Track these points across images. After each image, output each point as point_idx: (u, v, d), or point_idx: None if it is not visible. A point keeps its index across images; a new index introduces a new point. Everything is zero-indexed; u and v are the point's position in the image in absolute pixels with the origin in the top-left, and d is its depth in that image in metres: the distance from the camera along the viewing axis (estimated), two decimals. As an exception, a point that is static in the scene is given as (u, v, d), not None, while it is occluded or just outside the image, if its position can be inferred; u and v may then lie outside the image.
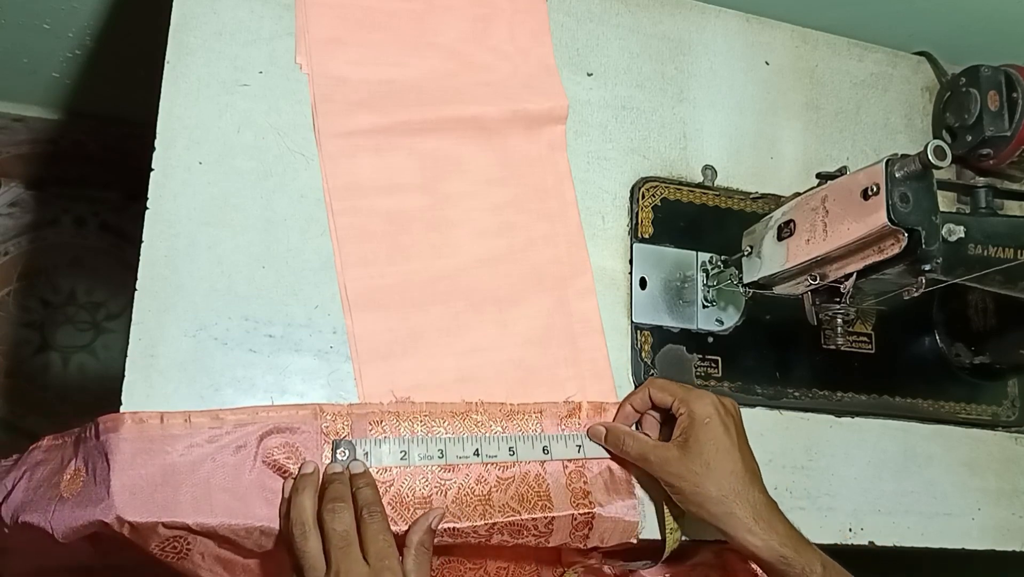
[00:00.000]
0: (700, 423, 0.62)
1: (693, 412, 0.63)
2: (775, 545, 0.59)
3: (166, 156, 0.64)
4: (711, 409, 0.63)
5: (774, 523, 0.60)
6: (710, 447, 0.61)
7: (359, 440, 0.61)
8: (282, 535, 0.57)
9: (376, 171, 0.69)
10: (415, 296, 0.67)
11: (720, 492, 0.60)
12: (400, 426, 0.63)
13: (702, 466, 0.61)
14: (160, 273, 0.62)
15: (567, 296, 0.72)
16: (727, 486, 0.61)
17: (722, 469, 0.61)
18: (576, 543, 0.66)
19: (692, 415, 0.63)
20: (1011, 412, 0.85)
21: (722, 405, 0.64)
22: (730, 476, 0.61)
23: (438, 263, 0.69)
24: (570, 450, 0.67)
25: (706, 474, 0.61)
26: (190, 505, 0.56)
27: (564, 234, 0.74)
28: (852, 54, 0.90)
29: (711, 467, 0.61)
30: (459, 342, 0.68)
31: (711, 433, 0.62)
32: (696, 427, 0.62)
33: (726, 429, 0.63)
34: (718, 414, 0.63)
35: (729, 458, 0.61)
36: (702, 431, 0.62)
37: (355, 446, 0.61)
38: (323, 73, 0.69)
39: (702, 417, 0.63)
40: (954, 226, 0.64)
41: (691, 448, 0.62)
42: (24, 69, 1.07)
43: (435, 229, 0.69)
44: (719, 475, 0.61)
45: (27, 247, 1.39)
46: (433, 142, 0.71)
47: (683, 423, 0.63)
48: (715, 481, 0.61)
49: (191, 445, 0.57)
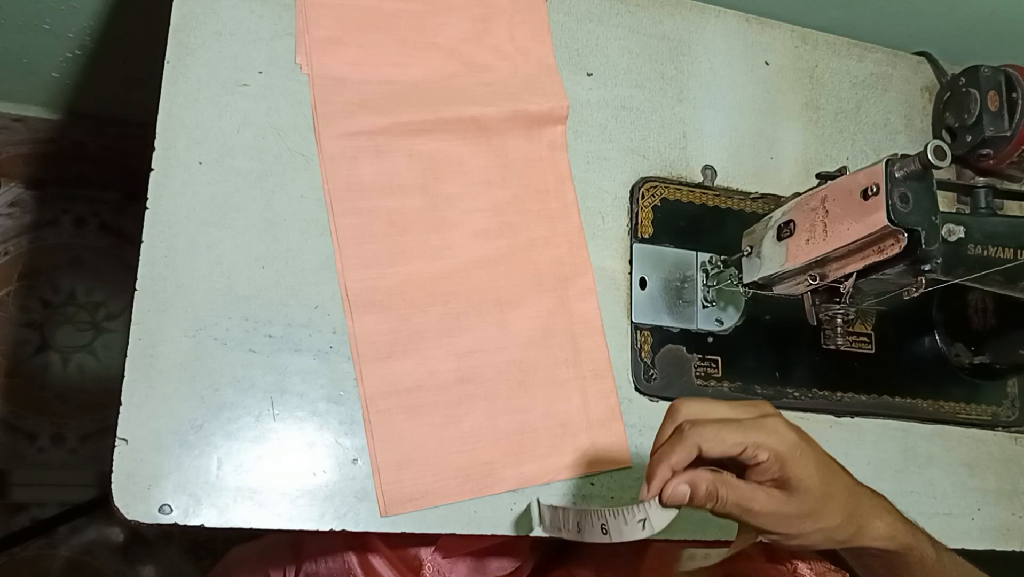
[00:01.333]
0: (792, 458, 0.51)
1: (778, 451, 0.51)
2: (899, 537, 0.55)
3: (166, 156, 0.64)
4: (791, 434, 0.52)
5: (889, 515, 0.56)
6: (816, 477, 0.51)
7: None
8: None
9: (376, 172, 0.69)
10: (416, 297, 0.68)
11: (845, 513, 0.53)
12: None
13: (819, 500, 0.52)
14: (160, 273, 0.62)
15: (568, 297, 0.72)
16: (849, 505, 0.54)
17: (838, 490, 0.53)
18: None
19: (779, 455, 0.51)
20: (1011, 412, 0.85)
21: (792, 425, 0.53)
22: (846, 492, 0.54)
23: (439, 264, 0.69)
24: (632, 529, 0.52)
25: (827, 505, 0.52)
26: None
27: (565, 235, 0.74)
28: (852, 54, 0.90)
29: (828, 494, 0.52)
30: (459, 343, 0.68)
31: (809, 462, 0.51)
32: (791, 464, 0.51)
33: (811, 445, 0.53)
34: (798, 435, 0.52)
35: (835, 474, 0.54)
36: (799, 467, 0.51)
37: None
38: (323, 74, 0.69)
39: (791, 450, 0.51)
40: (954, 226, 0.64)
41: (797, 486, 0.51)
42: (24, 69, 1.07)
43: (436, 230, 0.69)
44: (839, 499, 0.53)
45: (27, 247, 1.39)
46: (433, 143, 0.71)
47: (771, 467, 0.51)
48: (837, 509, 0.53)
49: None
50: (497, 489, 0.66)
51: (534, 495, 0.67)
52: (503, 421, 0.68)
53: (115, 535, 1.33)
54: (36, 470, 1.31)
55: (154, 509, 0.58)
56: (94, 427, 1.35)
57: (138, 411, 0.59)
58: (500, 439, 0.67)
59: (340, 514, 0.63)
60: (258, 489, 0.61)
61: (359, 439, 0.64)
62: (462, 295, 0.69)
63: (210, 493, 0.60)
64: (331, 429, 0.64)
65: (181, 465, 0.60)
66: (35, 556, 1.30)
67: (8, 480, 1.30)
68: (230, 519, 0.60)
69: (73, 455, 1.33)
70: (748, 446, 0.51)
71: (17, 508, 1.30)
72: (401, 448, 0.65)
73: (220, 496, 0.60)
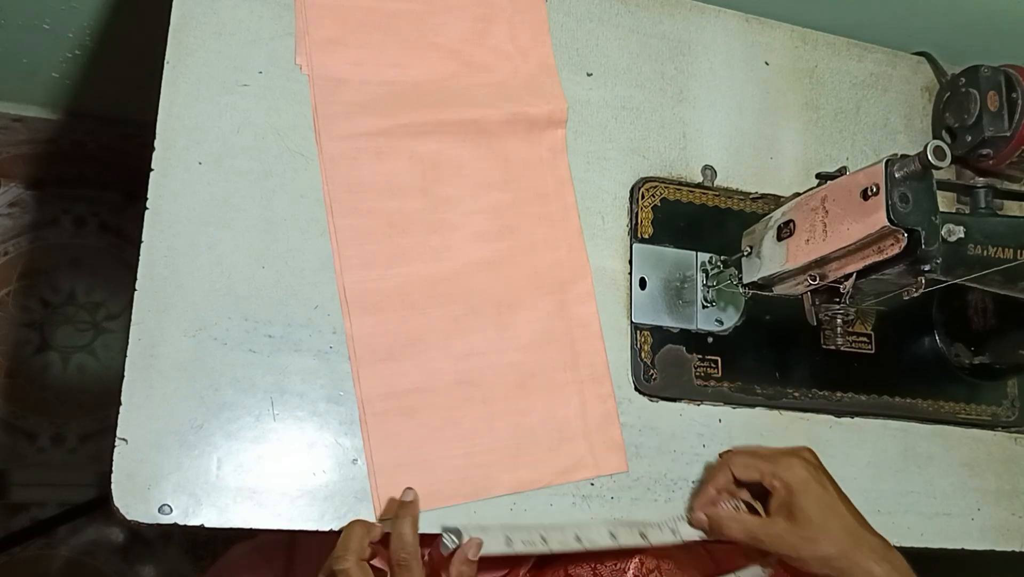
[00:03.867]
0: (799, 491, 0.63)
1: (788, 482, 0.63)
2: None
3: (166, 156, 0.64)
4: (804, 472, 0.64)
5: (892, 558, 0.62)
6: (816, 511, 0.62)
7: (464, 525, 0.63)
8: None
9: (377, 174, 0.69)
10: (414, 299, 0.67)
11: (840, 549, 0.61)
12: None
13: (815, 531, 0.62)
14: (160, 273, 0.62)
15: (567, 300, 0.72)
16: (845, 541, 0.62)
17: (835, 527, 0.62)
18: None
19: (788, 485, 0.63)
20: (1011, 412, 0.85)
21: (810, 463, 0.65)
22: (843, 531, 0.62)
23: (438, 266, 0.69)
24: (665, 535, 0.68)
25: (822, 537, 0.62)
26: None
27: (564, 238, 0.73)
28: (852, 54, 0.90)
29: (824, 529, 0.62)
30: (458, 345, 0.68)
31: (812, 496, 0.63)
32: (796, 495, 0.63)
33: (823, 487, 0.64)
34: (811, 475, 0.64)
35: (836, 514, 0.63)
36: (803, 498, 0.63)
37: (462, 532, 0.62)
38: (323, 75, 0.69)
39: (799, 484, 0.63)
40: (954, 226, 0.64)
41: (798, 517, 0.62)
42: (24, 69, 1.07)
43: (435, 232, 0.69)
44: (834, 534, 0.62)
45: (27, 247, 1.39)
46: (434, 145, 0.71)
47: (780, 495, 0.64)
48: (832, 541, 0.61)
49: None
50: (494, 493, 0.66)
51: (533, 497, 0.67)
52: (501, 424, 0.68)
53: (115, 535, 1.33)
54: (36, 470, 1.31)
55: (154, 509, 0.58)
56: (94, 427, 1.35)
57: (138, 411, 0.59)
58: (497, 442, 0.67)
59: (340, 514, 0.63)
60: (258, 489, 0.61)
61: (359, 439, 0.64)
62: (461, 297, 0.69)
63: (210, 493, 0.60)
64: (331, 429, 0.64)
65: (181, 465, 0.60)
66: (35, 556, 1.30)
67: (8, 480, 1.30)
68: (230, 519, 0.60)
69: (73, 455, 1.33)
70: (766, 475, 0.64)
71: (17, 508, 1.30)
72: (398, 450, 0.65)
73: (220, 496, 0.60)
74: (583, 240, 0.74)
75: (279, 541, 0.82)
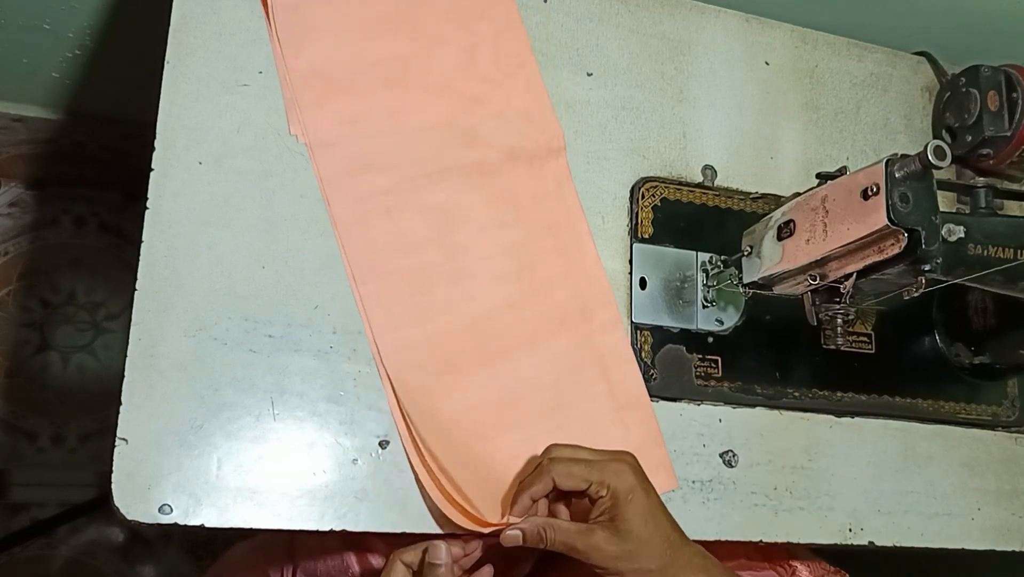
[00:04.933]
0: (624, 500, 0.59)
1: (616, 490, 0.59)
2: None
3: (166, 156, 0.64)
4: (632, 480, 0.59)
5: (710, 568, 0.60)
6: (639, 521, 0.58)
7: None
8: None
9: (389, 233, 0.68)
10: (446, 351, 0.68)
11: (661, 562, 0.58)
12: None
13: (636, 542, 0.58)
14: (160, 273, 0.62)
15: (591, 330, 0.72)
16: (667, 554, 0.59)
17: (656, 539, 0.59)
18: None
19: (615, 494, 0.59)
20: (1011, 412, 0.85)
21: (637, 469, 0.61)
22: (665, 543, 0.59)
23: (462, 318, 0.69)
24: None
25: (643, 549, 0.58)
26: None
27: (581, 268, 0.73)
28: (852, 54, 0.90)
29: (646, 540, 0.58)
30: (492, 391, 0.68)
31: (637, 506, 0.59)
32: (621, 505, 0.59)
33: (647, 494, 0.60)
34: (638, 483, 0.60)
35: (658, 525, 0.59)
36: (629, 508, 0.58)
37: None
38: (320, 141, 0.68)
39: (626, 493, 0.59)
40: (954, 226, 0.64)
41: (620, 527, 0.58)
42: (24, 69, 1.07)
43: (455, 284, 0.69)
44: (656, 547, 0.58)
45: (27, 247, 1.39)
46: (441, 194, 0.71)
47: (605, 504, 0.59)
48: (653, 553, 0.58)
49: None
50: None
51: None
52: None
53: (115, 535, 1.33)
54: (36, 470, 1.32)
55: (154, 509, 0.58)
56: (94, 427, 1.35)
57: (138, 411, 0.59)
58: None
59: (340, 514, 0.63)
60: (258, 489, 0.61)
61: (359, 439, 0.64)
62: (490, 343, 0.69)
63: (210, 493, 0.60)
64: (331, 429, 0.64)
65: (181, 465, 0.60)
66: (35, 556, 1.30)
67: (8, 480, 1.30)
68: (230, 519, 0.60)
69: (73, 455, 1.33)
70: (593, 483, 0.59)
71: (17, 508, 1.30)
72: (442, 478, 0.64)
73: (220, 496, 0.60)
74: (602, 267, 0.74)
75: (279, 541, 0.82)
